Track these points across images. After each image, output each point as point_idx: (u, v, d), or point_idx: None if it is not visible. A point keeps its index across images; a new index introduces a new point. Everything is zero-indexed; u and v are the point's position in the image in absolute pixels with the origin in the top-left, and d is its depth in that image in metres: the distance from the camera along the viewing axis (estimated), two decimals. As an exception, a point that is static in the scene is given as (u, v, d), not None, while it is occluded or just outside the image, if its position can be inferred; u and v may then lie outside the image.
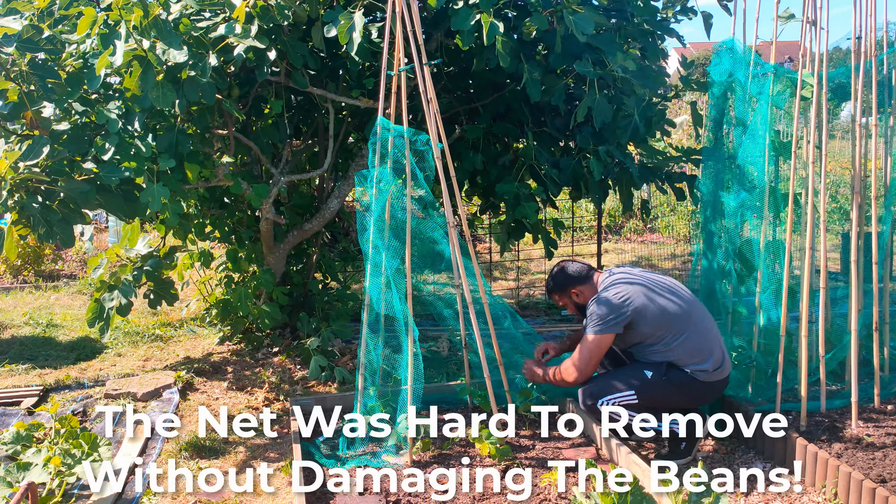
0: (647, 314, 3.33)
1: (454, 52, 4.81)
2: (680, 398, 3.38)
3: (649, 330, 3.35)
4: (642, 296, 3.36)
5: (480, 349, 3.43)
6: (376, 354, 3.53)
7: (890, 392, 3.74)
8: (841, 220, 7.89)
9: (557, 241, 4.96)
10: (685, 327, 3.34)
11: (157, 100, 3.38)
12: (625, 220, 9.85)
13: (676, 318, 3.35)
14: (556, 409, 3.84)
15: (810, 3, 3.53)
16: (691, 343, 3.34)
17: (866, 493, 2.82)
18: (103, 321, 4.10)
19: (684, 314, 3.37)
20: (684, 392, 3.36)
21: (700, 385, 3.35)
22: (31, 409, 4.15)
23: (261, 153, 4.48)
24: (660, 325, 3.34)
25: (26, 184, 3.39)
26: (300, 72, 4.20)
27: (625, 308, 3.33)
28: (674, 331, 3.34)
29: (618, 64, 3.98)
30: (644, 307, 3.34)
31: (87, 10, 3.34)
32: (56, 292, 6.82)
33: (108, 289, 4.09)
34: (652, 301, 3.36)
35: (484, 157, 4.72)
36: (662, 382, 3.34)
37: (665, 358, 3.37)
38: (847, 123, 8.63)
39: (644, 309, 3.34)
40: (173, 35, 3.31)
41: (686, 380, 3.34)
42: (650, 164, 4.89)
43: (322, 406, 3.85)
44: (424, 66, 3.26)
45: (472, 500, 2.93)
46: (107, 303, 4.06)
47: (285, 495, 3.22)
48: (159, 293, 4.30)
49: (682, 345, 3.33)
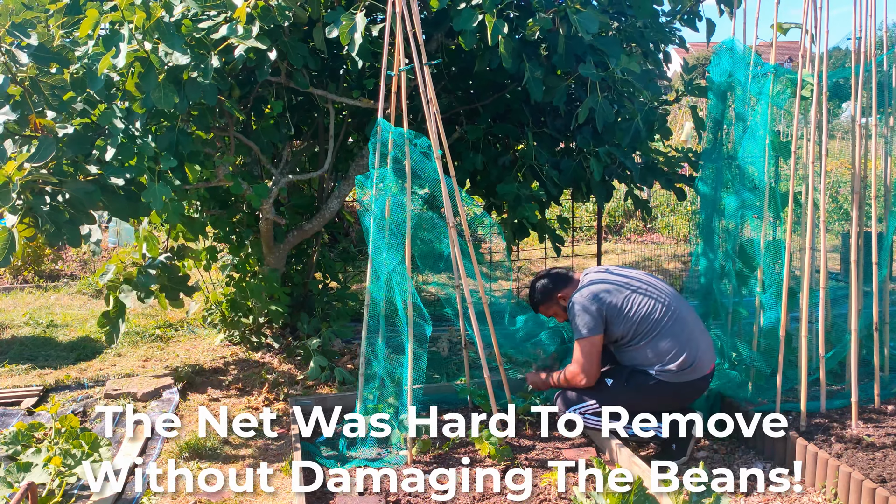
0: (619, 314, 3.36)
1: (455, 53, 4.81)
2: (651, 401, 3.38)
3: (621, 330, 3.38)
4: (615, 295, 3.39)
5: (480, 349, 3.43)
6: (378, 355, 3.53)
7: (890, 392, 3.74)
8: (841, 220, 7.89)
9: (564, 236, 4.96)
10: (655, 327, 3.36)
11: (159, 101, 3.38)
12: (625, 221, 9.85)
13: (646, 318, 3.36)
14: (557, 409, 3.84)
15: (810, 4, 3.53)
16: (659, 343, 3.35)
17: (866, 493, 2.82)
18: (113, 326, 4.08)
19: (656, 313, 3.38)
20: (653, 394, 3.37)
21: (670, 386, 3.35)
22: (31, 410, 4.15)
23: (261, 153, 4.48)
24: (631, 324, 3.37)
25: (33, 185, 3.40)
26: (301, 72, 4.20)
27: (599, 310, 3.36)
28: (643, 330, 3.36)
29: (621, 66, 3.98)
30: (615, 307, 3.37)
31: (90, 11, 3.34)
32: (56, 292, 6.82)
33: (124, 282, 4.06)
34: (625, 301, 3.38)
35: (484, 157, 4.72)
36: (624, 388, 3.38)
37: (634, 358, 3.40)
38: (847, 123, 8.63)
39: (615, 309, 3.37)
40: (176, 37, 3.31)
41: (651, 383, 3.36)
42: (654, 163, 4.89)
43: (322, 406, 3.85)
44: (425, 66, 3.26)
45: (472, 500, 2.93)
46: (124, 296, 4.03)
47: (285, 495, 3.22)
48: (176, 287, 4.28)
49: (650, 345, 3.35)
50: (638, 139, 4.50)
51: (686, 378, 3.35)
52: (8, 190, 3.24)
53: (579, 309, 3.39)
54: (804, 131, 3.59)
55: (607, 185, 4.73)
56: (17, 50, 3.36)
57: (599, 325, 3.36)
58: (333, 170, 5.18)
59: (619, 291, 3.40)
